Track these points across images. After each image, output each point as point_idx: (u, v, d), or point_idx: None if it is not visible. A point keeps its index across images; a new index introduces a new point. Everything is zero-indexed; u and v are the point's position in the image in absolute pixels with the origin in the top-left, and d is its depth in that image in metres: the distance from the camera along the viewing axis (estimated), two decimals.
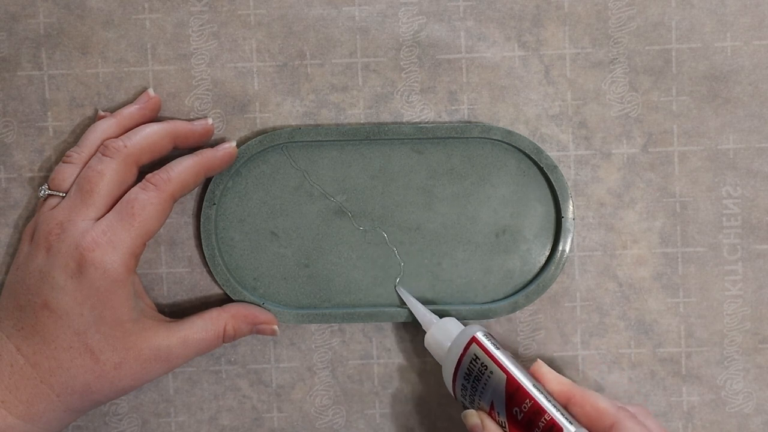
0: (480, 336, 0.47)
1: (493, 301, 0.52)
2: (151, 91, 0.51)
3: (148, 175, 0.48)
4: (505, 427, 0.46)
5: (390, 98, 0.52)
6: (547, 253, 0.52)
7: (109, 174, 0.47)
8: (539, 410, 0.45)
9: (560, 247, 0.51)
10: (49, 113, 0.52)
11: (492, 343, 0.47)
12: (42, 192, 0.49)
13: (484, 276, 0.52)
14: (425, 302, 0.52)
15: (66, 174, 0.48)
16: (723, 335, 0.52)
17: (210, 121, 0.51)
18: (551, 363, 0.53)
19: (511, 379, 0.46)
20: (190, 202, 0.52)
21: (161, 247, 0.52)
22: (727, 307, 0.52)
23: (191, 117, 0.52)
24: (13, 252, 0.52)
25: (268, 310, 0.51)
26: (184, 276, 0.53)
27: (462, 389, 0.48)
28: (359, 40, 0.52)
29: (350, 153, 0.52)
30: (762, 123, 0.52)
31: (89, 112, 0.52)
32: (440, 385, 0.53)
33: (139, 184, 0.48)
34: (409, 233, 0.52)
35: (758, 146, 0.52)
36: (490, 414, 0.46)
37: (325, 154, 0.52)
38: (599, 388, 0.53)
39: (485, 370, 0.46)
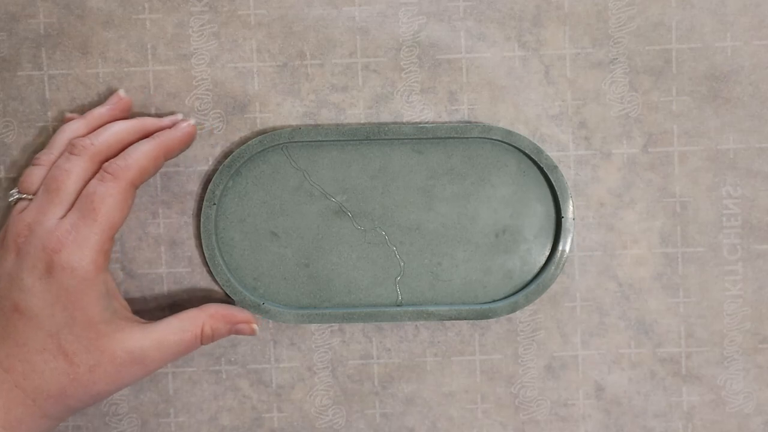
0: None
1: (493, 301, 0.52)
2: (121, 92, 0.51)
3: (105, 164, 0.47)
4: None
5: (390, 98, 0.52)
6: (547, 253, 0.52)
7: (76, 171, 0.47)
8: None
9: (560, 247, 0.51)
10: (49, 113, 0.52)
11: None
12: (12, 196, 0.48)
13: (484, 276, 0.52)
14: (425, 302, 0.52)
15: (34, 176, 0.48)
16: (723, 335, 0.52)
17: (180, 116, 0.51)
18: (551, 363, 0.53)
19: None
20: (190, 202, 0.52)
21: (161, 247, 0.52)
22: (727, 307, 0.52)
23: (194, 116, 0.52)
24: None
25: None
26: (184, 276, 0.53)
27: None
28: (359, 40, 0.52)
29: (350, 153, 0.52)
30: (762, 123, 0.52)
31: None
32: (440, 385, 0.53)
33: (97, 175, 0.47)
34: (409, 233, 0.52)
35: (758, 146, 0.52)
36: None
37: (325, 154, 0.52)
38: (599, 388, 0.53)
39: None
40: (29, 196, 0.48)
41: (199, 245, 0.52)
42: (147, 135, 0.49)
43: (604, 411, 0.53)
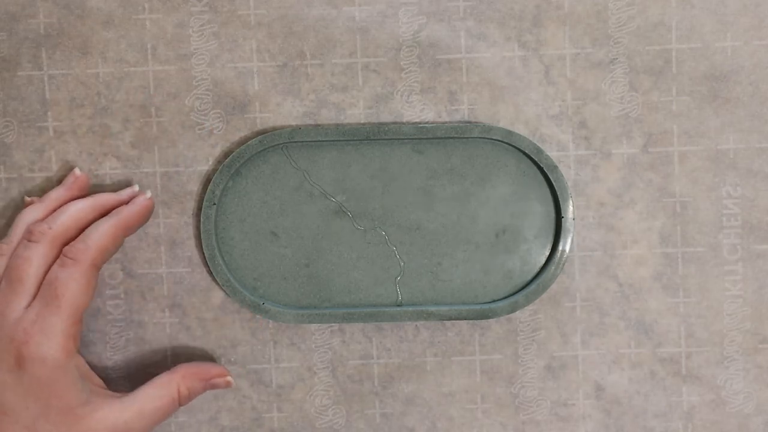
0: None
1: (493, 301, 0.52)
2: (77, 170, 0.50)
3: (65, 249, 0.46)
4: None
5: (390, 98, 0.52)
6: (547, 253, 0.52)
7: (35, 259, 0.46)
8: None
9: (560, 247, 0.51)
10: (49, 113, 0.52)
11: None
12: None
13: (484, 276, 0.52)
14: (425, 302, 0.52)
15: None
16: (723, 335, 0.52)
17: (137, 188, 0.50)
18: (551, 363, 0.53)
19: None
20: (190, 202, 0.52)
21: (161, 247, 0.52)
22: (727, 307, 0.52)
23: (191, 117, 0.52)
24: None
25: (223, 365, 0.51)
26: (184, 276, 0.53)
27: None
28: (359, 40, 0.52)
29: (350, 153, 0.52)
30: (762, 123, 0.52)
31: (89, 112, 0.52)
32: (440, 385, 0.53)
33: (57, 261, 0.46)
34: (409, 233, 0.52)
35: (758, 146, 0.52)
36: None
37: (325, 154, 0.52)
38: (599, 388, 0.53)
39: None
40: None
41: (199, 245, 0.52)
42: (105, 212, 0.48)
43: (604, 411, 0.53)
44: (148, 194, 0.50)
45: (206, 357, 0.53)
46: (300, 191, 0.52)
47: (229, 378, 0.50)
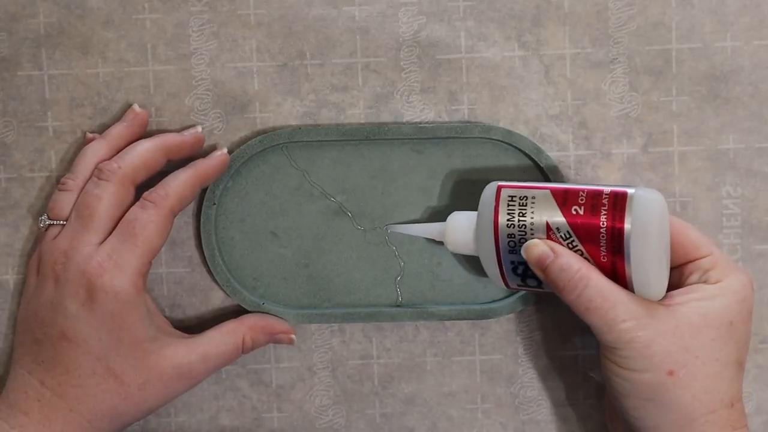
0: (502, 183, 0.46)
1: (493, 301, 0.52)
2: (136, 107, 0.51)
3: (146, 194, 0.48)
4: (573, 247, 0.44)
5: (390, 98, 0.52)
6: None
7: (106, 197, 0.47)
8: (597, 192, 0.43)
9: None
10: (49, 113, 0.52)
11: (515, 183, 0.46)
12: (42, 222, 0.49)
13: (484, 276, 0.52)
14: (425, 302, 0.52)
15: (64, 202, 0.48)
16: None
17: (199, 129, 0.51)
18: (551, 363, 0.53)
19: (554, 189, 0.44)
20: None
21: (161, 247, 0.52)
22: None
23: (191, 117, 0.52)
24: (13, 253, 0.52)
25: (284, 320, 0.51)
26: (184, 276, 0.53)
27: (509, 239, 0.45)
28: (359, 40, 0.52)
29: (350, 153, 0.52)
30: (762, 123, 0.52)
31: (89, 111, 0.52)
32: (440, 385, 0.53)
33: (138, 203, 0.48)
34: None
35: (758, 146, 0.52)
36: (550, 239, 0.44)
37: (325, 154, 0.52)
38: (599, 389, 0.53)
39: (526, 201, 0.44)
40: (60, 222, 0.48)
41: (199, 245, 0.52)
42: (171, 152, 0.49)
43: (604, 411, 0.53)
44: (224, 150, 0.50)
45: None
46: (300, 191, 0.52)
47: (293, 336, 0.51)
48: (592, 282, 0.43)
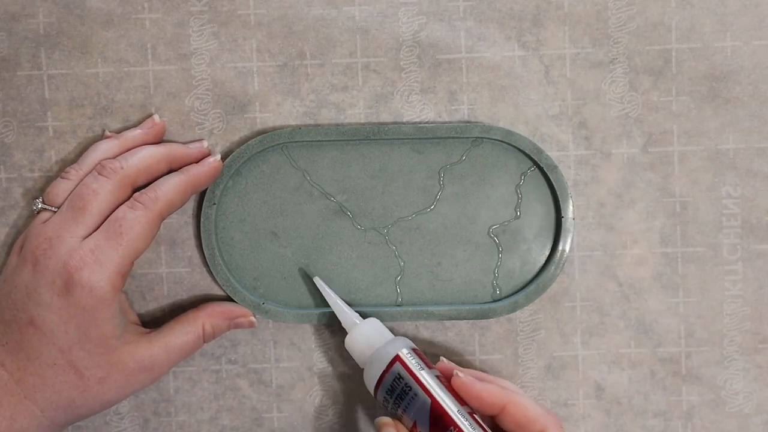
0: (404, 354, 0.47)
1: (493, 301, 0.52)
2: (156, 117, 0.51)
3: (136, 194, 0.48)
4: None
5: (390, 98, 0.52)
6: (547, 253, 0.52)
7: (102, 193, 0.47)
8: None
9: (560, 247, 0.51)
10: (49, 113, 0.52)
11: (416, 361, 0.47)
12: (35, 205, 0.49)
13: (484, 276, 0.52)
14: (425, 302, 0.52)
15: (61, 189, 0.49)
16: (723, 335, 0.52)
17: (205, 143, 0.51)
18: (551, 363, 0.53)
19: (435, 404, 0.45)
20: (190, 202, 0.52)
21: (161, 247, 0.52)
22: (727, 307, 0.52)
23: (191, 117, 0.52)
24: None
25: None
26: (184, 276, 0.53)
27: (384, 401, 0.47)
28: (359, 40, 0.52)
29: (350, 153, 0.52)
30: (762, 123, 0.52)
31: (89, 111, 0.52)
32: None
33: (127, 202, 0.47)
34: (409, 233, 0.52)
35: (758, 146, 0.52)
36: (412, 431, 0.46)
37: (325, 154, 0.52)
38: (599, 388, 0.53)
39: (409, 390, 0.46)
40: (53, 208, 0.48)
41: (199, 245, 0.52)
42: (174, 162, 0.50)
43: (604, 411, 0.53)
44: (218, 156, 0.51)
45: (206, 357, 0.53)
46: (300, 191, 0.52)
47: (252, 318, 0.51)
48: None
